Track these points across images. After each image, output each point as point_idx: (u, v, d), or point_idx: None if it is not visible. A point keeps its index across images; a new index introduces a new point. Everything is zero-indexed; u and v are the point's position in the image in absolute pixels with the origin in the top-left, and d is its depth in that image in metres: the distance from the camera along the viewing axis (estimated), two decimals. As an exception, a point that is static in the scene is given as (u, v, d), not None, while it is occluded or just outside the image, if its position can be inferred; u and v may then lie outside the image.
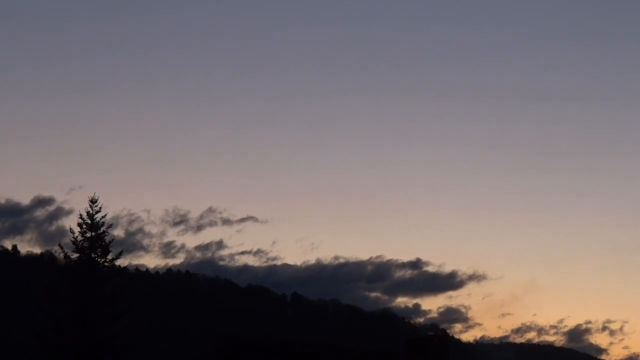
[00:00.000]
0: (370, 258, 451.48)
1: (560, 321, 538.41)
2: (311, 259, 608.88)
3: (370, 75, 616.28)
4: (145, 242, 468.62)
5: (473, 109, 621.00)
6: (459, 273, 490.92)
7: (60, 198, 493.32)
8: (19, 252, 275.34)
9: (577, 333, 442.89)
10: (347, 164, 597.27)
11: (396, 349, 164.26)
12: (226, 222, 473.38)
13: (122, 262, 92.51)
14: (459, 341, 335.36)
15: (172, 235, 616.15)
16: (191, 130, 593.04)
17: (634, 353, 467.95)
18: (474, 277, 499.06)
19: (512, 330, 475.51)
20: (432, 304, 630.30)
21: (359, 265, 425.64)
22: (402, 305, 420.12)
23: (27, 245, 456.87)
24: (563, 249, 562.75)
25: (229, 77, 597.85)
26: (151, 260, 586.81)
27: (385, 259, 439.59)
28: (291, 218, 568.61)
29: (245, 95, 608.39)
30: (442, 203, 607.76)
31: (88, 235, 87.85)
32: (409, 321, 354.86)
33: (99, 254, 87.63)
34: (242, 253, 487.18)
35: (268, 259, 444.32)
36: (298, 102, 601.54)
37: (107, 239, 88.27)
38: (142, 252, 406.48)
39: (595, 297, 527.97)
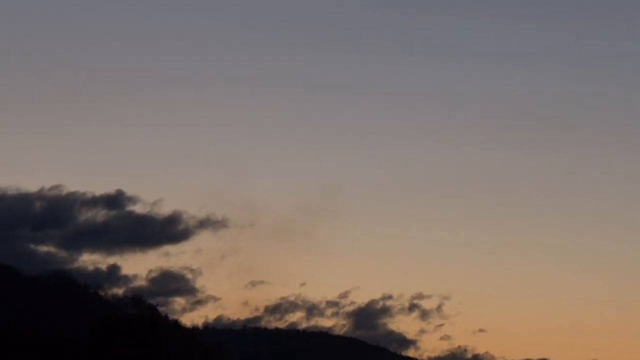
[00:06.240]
0: (42, 189, 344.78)
1: (344, 295, 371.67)
2: None
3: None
4: None
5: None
6: (184, 216, 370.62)
7: None
8: None
9: (370, 312, 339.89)
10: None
11: (74, 335, 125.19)
12: None
13: None
14: (178, 325, 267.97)
15: None
16: None
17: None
18: (208, 223, 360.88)
19: (267, 309, 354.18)
20: (139, 266, 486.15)
21: (21, 201, 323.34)
22: (90, 267, 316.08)
23: None
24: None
25: None
26: None
27: (64, 192, 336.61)
28: None
29: None
30: (159, 112, 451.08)
31: None
32: (98, 292, 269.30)
33: None
34: None
35: None
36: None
37: None
38: None
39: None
